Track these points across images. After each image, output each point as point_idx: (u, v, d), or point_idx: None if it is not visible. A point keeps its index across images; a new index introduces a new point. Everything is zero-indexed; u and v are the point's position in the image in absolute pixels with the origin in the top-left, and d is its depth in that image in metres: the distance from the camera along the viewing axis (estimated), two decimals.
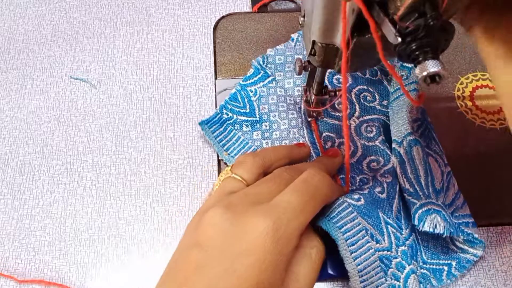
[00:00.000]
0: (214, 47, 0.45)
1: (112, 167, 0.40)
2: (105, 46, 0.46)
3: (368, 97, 0.41)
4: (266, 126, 0.40)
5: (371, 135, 0.40)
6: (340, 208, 0.32)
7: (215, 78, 0.44)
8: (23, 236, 0.37)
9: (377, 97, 0.41)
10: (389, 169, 0.37)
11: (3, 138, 0.41)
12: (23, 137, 0.41)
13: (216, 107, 0.42)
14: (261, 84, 0.42)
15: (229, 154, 0.39)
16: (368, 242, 0.32)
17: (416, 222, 0.33)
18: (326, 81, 0.42)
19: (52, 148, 0.41)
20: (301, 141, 0.39)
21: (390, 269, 0.33)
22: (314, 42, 0.28)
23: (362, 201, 0.34)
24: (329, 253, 0.35)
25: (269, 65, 0.43)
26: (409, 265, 0.33)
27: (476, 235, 0.33)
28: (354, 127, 0.40)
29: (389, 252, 0.33)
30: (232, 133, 0.40)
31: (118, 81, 0.44)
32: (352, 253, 0.31)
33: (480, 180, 0.39)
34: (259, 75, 0.42)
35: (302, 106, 0.41)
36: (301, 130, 0.40)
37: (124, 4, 0.48)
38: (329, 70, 0.41)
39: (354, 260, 0.31)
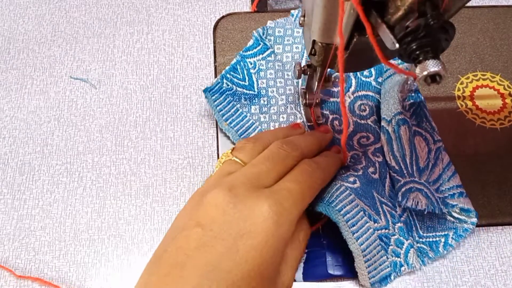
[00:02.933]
0: (214, 47, 0.45)
1: (112, 167, 0.40)
2: (105, 46, 0.46)
3: (364, 72, 0.42)
4: (264, 101, 0.41)
5: (364, 113, 0.41)
6: (338, 192, 0.33)
7: (215, 78, 0.44)
8: (23, 236, 0.37)
9: (373, 72, 0.42)
10: (379, 148, 0.38)
11: (3, 138, 0.41)
12: (23, 137, 0.41)
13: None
14: (260, 57, 0.43)
15: (228, 124, 0.40)
16: (367, 222, 0.33)
17: (399, 199, 0.34)
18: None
19: (52, 148, 0.41)
20: (298, 116, 0.40)
21: (390, 247, 0.34)
22: (314, 41, 0.28)
23: (358, 183, 0.35)
24: (329, 253, 0.35)
25: (268, 37, 0.44)
26: (407, 240, 0.34)
27: (462, 205, 0.34)
28: (348, 104, 0.41)
29: (387, 230, 0.34)
30: (231, 105, 0.41)
31: (118, 81, 0.44)
32: (354, 233, 0.32)
33: (480, 180, 0.39)
34: (259, 47, 0.43)
35: (302, 110, 0.41)
36: (298, 106, 0.41)
37: (124, 4, 0.48)
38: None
39: (357, 240, 0.32)
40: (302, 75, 0.37)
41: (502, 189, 0.38)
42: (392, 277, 0.34)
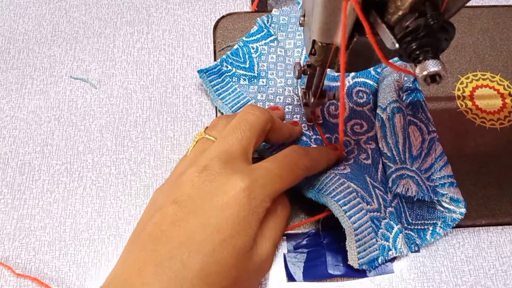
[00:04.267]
0: (214, 47, 0.45)
1: (112, 167, 0.40)
2: (105, 46, 0.46)
3: None
4: (263, 82, 0.42)
5: (361, 101, 0.41)
6: (328, 179, 0.34)
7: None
8: (23, 236, 0.37)
9: None
10: (372, 136, 0.39)
11: (3, 138, 0.41)
12: (23, 137, 0.41)
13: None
14: (263, 42, 0.43)
15: (223, 102, 0.41)
16: (360, 203, 0.33)
17: (390, 185, 0.35)
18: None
19: (52, 148, 0.41)
20: (295, 99, 0.41)
21: (380, 230, 0.34)
22: (314, 41, 0.28)
23: (349, 169, 0.35)
24: (329, 253, 0.35)
25: (273, 25, 0.44)
26: (396, 225, 0.35)
27: (452, 195, 0.35)
28: (347, 88, 0.42)
29: (379, 213, 0.34)
30: (229, 85, 0.42)
31: (118, 81, 0.44)
32: (346, 212, 0.33)
33: (480, 180, 0.39)
34: (262, 33, 0.44)
35: (302, 109, 0.41)
36: (296, 89, 0.42)
37: (124, 4, 0.48)
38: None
39: (350, 219, 0.32)
40: (302, 74, 0.37)
41: (502, 189, 0.38)
42: (379, 261, 0.34)
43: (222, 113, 0.41)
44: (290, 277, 0.35)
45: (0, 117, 0.42)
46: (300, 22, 0.31)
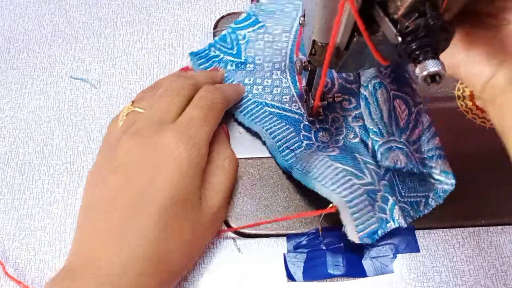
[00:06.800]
0: None
1: None
2: (105, 46, 0.46)
3: None
4: (250, 67, 0.42)
5: (351, 78, 0.41)
6: (317, 161, 0.35)
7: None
8: (23, 236, 0.37)
9: None
10: (360, 113, 0.39)
11: (3, 138, 0.41)
12: (23, 136, 0.41)
13: None
14: (251, 29, 0.44)
15: None
16: (351, 180, 0.33)
17: (379, 158, 0.35)
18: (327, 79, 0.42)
19: (52, 148, 0.41)
20: (283, 81, 0.42)
21: (377, 203, 0.34)
22: (314, 41, 0.28)
23: (337, 151, 0.36)
24: (329, 253, 0.35)
25: (261, 12, 0.45)
26: (391, 197, 0.35)
27: (440, 167, 0.35)
28: None
29: (373, 187, 0.34)
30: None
31: (118, 80, 0.44)
32: (335, 190, 0.33)
33: (480, 180, 0.39)
34: (250, 20, 0.44)
35: (303, 105, 0.41)
36: (284, 73, 0.42)
37: (124, 4, 0.48)
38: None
39: (340, 194, 0.32)
40: (303, 70, 0.37)
41: (502, 189, 0.38)
42: (379, 233, 0.34)
43: None
44: (290, 277, 0.35)
45: (0, 117, 0.42)
46: (300, 22, 0.31)
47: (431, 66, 0.22)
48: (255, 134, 0.40)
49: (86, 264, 0.27)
